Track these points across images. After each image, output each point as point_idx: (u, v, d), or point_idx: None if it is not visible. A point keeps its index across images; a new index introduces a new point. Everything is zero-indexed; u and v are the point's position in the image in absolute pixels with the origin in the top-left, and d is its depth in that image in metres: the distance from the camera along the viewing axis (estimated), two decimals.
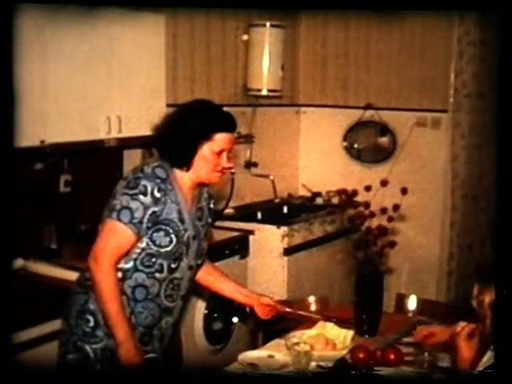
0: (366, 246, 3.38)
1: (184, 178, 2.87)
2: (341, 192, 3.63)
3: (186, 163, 2.84)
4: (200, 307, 4.45)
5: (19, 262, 3.88)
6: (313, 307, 3.85)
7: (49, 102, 3.65)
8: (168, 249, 2.81)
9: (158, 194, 2.77)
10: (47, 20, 3.57)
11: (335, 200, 5.43)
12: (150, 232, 2.79)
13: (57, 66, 3.67)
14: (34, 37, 3.52)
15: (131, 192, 2.78)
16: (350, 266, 4.11)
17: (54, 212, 4.12)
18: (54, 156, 3.94)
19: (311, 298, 3.90)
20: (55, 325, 3.54)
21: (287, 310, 3.25)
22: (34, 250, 3.96)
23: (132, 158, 4.68)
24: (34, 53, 3.54)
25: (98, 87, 3.92)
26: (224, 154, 2.84)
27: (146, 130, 4.21)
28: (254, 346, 3.55)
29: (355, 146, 6.14)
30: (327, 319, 3.27)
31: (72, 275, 3.75)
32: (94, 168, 4.37)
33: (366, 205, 3.42)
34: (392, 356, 2.95)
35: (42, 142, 3.62)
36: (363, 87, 6.06)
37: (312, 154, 6.32)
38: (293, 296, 4.80)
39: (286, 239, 5.06)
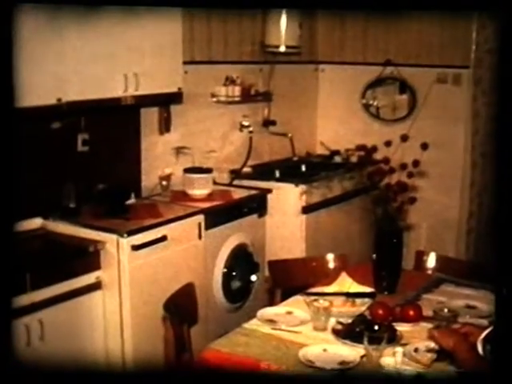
0: (386, 202, 3.35)
1: None
2: (360, 148, 3.59)
3: None
4: (219, 266, 4.46)
5: (38, 221, 3.91)
6: (331, 265, 3.84)
7: (65, 61, 3.63)
8: None
9: None
10: None
11: (354, 158, 5.42)
12: None
13: (73, 24, 3.63)
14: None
15: None
16: (369, 223, 4.08)
17: (72, 171, 4.12)
18: (71, 115, 3.92)
19: (330, 256, 3.89)
20: (73, 283, 3.59)
21: None
22: (52, 209, 3.97)
23: (149, 116, 4.66)
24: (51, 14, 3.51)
25: (115, 45, 3.89)
26: None
27: (163, 88, 4.23)
28: (272, 303, 3.55)
29: (374, 103, 6.07)
30: None
31: (90, 233, 3.79)
32: (112, 126, 4.35)
33: (386, 161, 3.38)
34: (411, 312, 2.94)
35: (59, 100, 3.61)
36: (382, 43, 5.97)
37: (330, 112, 6.27)
38: (311, 254, 4.80)
39: (305, 197, 5.03)
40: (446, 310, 2.91)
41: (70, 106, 3.67)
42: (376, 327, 2.72)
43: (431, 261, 3.85)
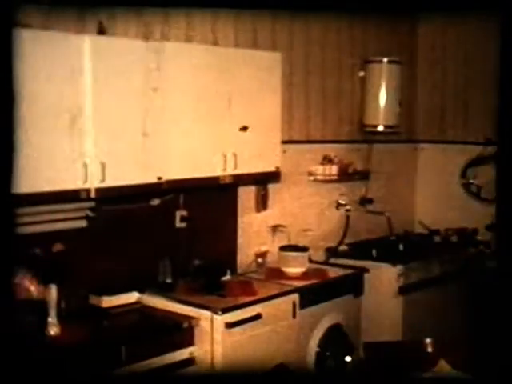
0: (488, 287, 3.25)
1: None
2: (460, 231, 3.53)
3: None
4: (312, 345, 4.40)
5: (135, 296, 3.96)
6: (429, 349, 3.72)
7: (166, 141, 3.73)
8: None
9: None
10: (156, 51, 3.67)
11: (454, 238, 5.31)
12: None
13: (173, 104, 3.76)
14: (149, 73, 3.63)
15: None
16: (470, 308, 3.96)
17: (170, 247, 4.20)
18: (170, 192, 4.02)
19: (427, 340, 3.77)
20: (167, 359, 3.60)
21: None
22: (149, 283, 4.03)
23: (246, 194, 4.72)
24: (151, 95, 3.64)
25: (215, 125, 3.98)
26: None
27: (261, 167, 4.28)
28: None
29: (475, 182, 5.95)
30: None
31: (185, 309, 3.82)
32: (209, 203, 4.42)
33: (487, 244, 3.30)
34: None
35: (160, 178, 3.71)
36: (483, 122, 5.88)
37: (429, 191, 6.18)
38: (408, 336, 4.68)
39: (402, 278, 4.94)
40: None
41: (169, 184, 3.76)
42: None
43: None
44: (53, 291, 3.38)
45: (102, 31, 3.70)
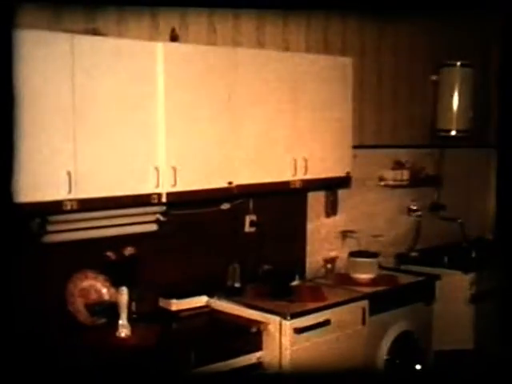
0: None
1: None
2: None
3: None
4: (381, 353, 4.35)
5: (203, 299, 3.99)
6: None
7: (237, 146, 3.75)
8: None
9: None
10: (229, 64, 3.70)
11: None
12: None
13: (244, 109, 3.78)
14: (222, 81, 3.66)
15: None
16: None
17: (239, 251, 4.21)
18: (240, 197, 4.04)
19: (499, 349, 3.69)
20: (234, 363, 3.60)
21: None
22: (218, 287, 4.06)
23: (316, 199, 4.71)
24: (223, 100, 3.67)
25: (285, 130, 3.99)
26: None
27: (331, 172, 4.26)
28: None
29: None
30: None
31: (254, 314, 3.83)
32: (278, 208, 4.43)
33: None
34: None
35: (230, 183, 3.73)
36: None
37: None
38: (480, 346, 4.59)
39: (475, 286, 4.85)
40: None
41: (239, 189, 3.78)
42: None
43: None
44: (124, 294, 3.44)
45: (174, 38, 3.75)
